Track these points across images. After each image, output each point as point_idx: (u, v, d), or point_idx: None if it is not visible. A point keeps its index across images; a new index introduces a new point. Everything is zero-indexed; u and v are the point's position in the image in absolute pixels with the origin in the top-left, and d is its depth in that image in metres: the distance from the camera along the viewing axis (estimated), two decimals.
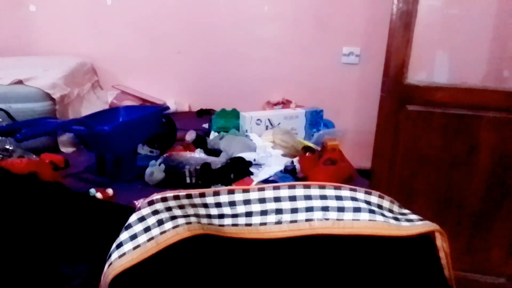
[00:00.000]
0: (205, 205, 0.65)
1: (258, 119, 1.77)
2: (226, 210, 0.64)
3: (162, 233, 0.67)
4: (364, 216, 0.63)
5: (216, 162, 1.44)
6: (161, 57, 2.46)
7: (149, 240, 0.66)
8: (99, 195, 1.28)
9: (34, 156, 1.45)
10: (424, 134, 1.95)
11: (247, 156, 1.48)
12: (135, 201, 1.22)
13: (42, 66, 1.99)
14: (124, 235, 0.66)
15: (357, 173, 1.65)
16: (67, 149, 1.74)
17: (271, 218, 0.63)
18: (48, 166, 1.34)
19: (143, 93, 2.36)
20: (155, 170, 1.38)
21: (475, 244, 2.00)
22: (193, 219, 0.68)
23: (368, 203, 0.66)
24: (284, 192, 0.66)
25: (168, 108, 1.69)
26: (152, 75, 2.49)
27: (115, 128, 1.34)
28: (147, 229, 0.67)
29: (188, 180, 1.39)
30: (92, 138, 1.35)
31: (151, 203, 0.70)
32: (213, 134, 1.83)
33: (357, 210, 0.64)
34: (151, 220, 0.68)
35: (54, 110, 1.73)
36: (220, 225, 0.65)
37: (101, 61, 2.44)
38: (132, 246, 0.64)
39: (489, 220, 1.96)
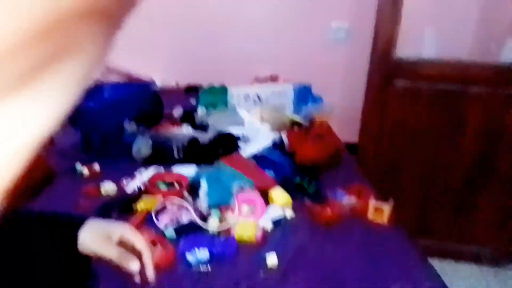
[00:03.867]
0: None
1: (246, 94, 1.76)
2: None
3: None
4: None
5: (204, 137, 1.43)
6: (147, 32, 2.41)
7: None
8: (85, 171, 1.27)
9: None
10: (411, 109, 1.95)
11: (235, 131, 1.48)
12: (123, 181, 1.21)
13: None
14: None
15: (345, 148, 1.66)
16: None
17: None
18: None
19: (128, 69, 2.31)
20: (143, 146, 1.37)
21: (460, 218, 2.04)
22: None
23: None
24: None
25: (154, 83, 1.66)
26: (138, 50, 2.44)
27: (101, 104, 1.32)
28: None
29: (176, 156, 1.38)
30: (77, 114, 1.33)
31: None
32: (201, 110, 1.81)
33: None
34: None
35: None
36: None
37: None
38: None
39: (474, 192, 1.99)
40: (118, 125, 1.46)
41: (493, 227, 2.03)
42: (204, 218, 1.02)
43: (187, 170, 1.26)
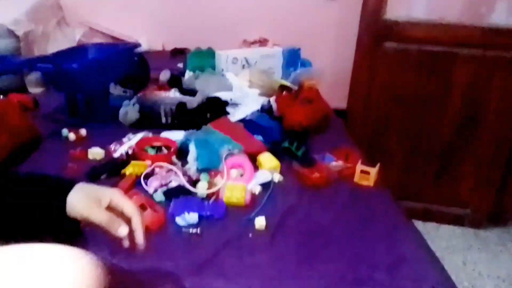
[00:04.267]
0: None
1: (234, 58, 1.73)
2: None
3: None
4: None
5: (192, 101, 1.42)
6: None
7: None
8: (72, 136, 1.25)
9: (1, 97, 1.40)
10: (399, 72, 1.95)
11: (224, 95, 1.46)
12: (111, 146, 1.20)
13: (2, 0, 1.85)
14: None
15: (334, 113, 1.66)
16: (35, 89, 1.67)
17: None
18: (17, 106, 1.29)
19: (113, 30, 2.25)
20: (129, 110, 1.35)
21: (443, 178, 2.09)
22: None
23: None
24: None
25: (139, 45, 1.62)
26: (122, 11, 2.36)
27: (84, 65, 1.29)
28: None
29: (163, 120, 1.37)
30: (60, 76, 1.30)
31: None
32: (188, 74, 1.78)
33: None
34: None
35: (19, 48, 1.64)
36: None
37: None
38: None
39: (458, 155, 2.03)
40: (103, 87, 1.43)
41: (474, 190, 2.09)
42: (193, 182, 1.02)
43: (175, 135, 1.25)
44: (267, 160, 1.12)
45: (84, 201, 0.61)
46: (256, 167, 1.11)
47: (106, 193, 0.64)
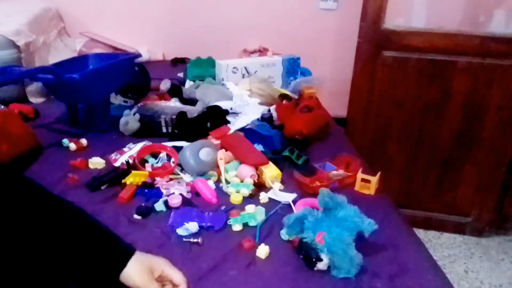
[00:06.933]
0: None
1: (234, 67, 1.74)
2: None
3: None
4: None
5: (192, 111, 1.42)
6: (132, 2, 2.34)
7: None
8: (72, 145, 1.25)
9: (2, 107, 1.40)
10: (399, 80, 1.95)
11: (224, 104, 1.46)
12: (111, 155, 1.20)
13: (4, 11, 1.86)
14: None
15: (334, 121, 1.67)
16: (36, 100, 1.68)
17: None
18: (18, 116, 1.30)
19: (114, 40, 2.26)
20: (130, 120, 1.35)
21: (444, 186, 2.09)
22: None
23: None
24: None
25: (140, 55, 1.63)
26: (123, 21, 2.37)
27: (85, 75, 1.29)
28: None
29: (164, 130, 1.37)
30: (61, 86, 1.30)
31: None
32: (188, 83, 1.79)
33: None
34: None
35: (20, 59, 1.65)
36: None
37: (67, 6, 2.30)
38: None
39: (458, 163, 2.03)
40: (103, 97, 1.44)
41: (475, 198, 2.08)
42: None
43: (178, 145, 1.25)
44: (268, 169, 1.12)
45: (142, 272, 0.68)
46: (258, 176, 1.11)
47: (158, 265, 0.71)
